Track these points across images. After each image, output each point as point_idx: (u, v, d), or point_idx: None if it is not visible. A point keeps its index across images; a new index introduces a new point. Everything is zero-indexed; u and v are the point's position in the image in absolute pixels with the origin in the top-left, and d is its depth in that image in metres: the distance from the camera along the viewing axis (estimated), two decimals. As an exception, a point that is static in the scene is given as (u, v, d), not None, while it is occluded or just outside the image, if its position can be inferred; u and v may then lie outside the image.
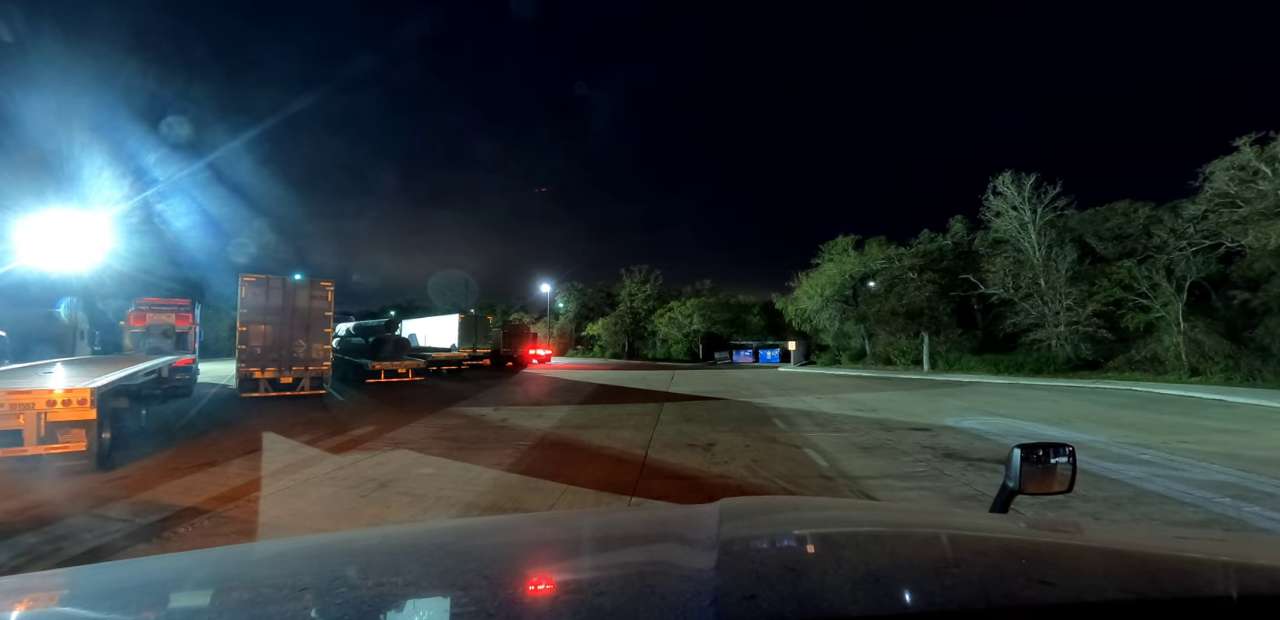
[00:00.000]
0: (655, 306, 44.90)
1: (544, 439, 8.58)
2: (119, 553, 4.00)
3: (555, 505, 5.21)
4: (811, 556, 0.93)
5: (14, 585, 0.86)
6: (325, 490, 5.66)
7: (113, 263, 20.29)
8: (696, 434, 9.09)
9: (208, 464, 6.85)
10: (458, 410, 12.10)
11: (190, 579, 0.94)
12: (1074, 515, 4.87)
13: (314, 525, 4.60)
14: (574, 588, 0.80)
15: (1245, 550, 1.03)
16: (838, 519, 1.32)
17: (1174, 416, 11.50)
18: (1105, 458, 7.28)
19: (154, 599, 0.85)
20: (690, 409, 12.45)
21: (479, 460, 7.06)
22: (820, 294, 31.68)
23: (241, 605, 0.79)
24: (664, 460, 7.12)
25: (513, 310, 59.20)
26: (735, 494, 5.60)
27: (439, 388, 17.56)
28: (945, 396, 15.50)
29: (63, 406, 6.01)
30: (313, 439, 8.58)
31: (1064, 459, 1.44)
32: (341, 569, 0.94)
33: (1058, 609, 0.62)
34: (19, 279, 14.26)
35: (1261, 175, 18.92)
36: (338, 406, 12.97)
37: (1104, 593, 0.70)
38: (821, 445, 8.15)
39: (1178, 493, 5.67)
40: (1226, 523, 4.84)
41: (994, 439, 8.72)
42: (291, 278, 14.89)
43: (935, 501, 5.43)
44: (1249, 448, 8.02)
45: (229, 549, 1.99)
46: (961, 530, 1.13)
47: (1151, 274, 21.19)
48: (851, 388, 18.52)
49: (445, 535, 1.23)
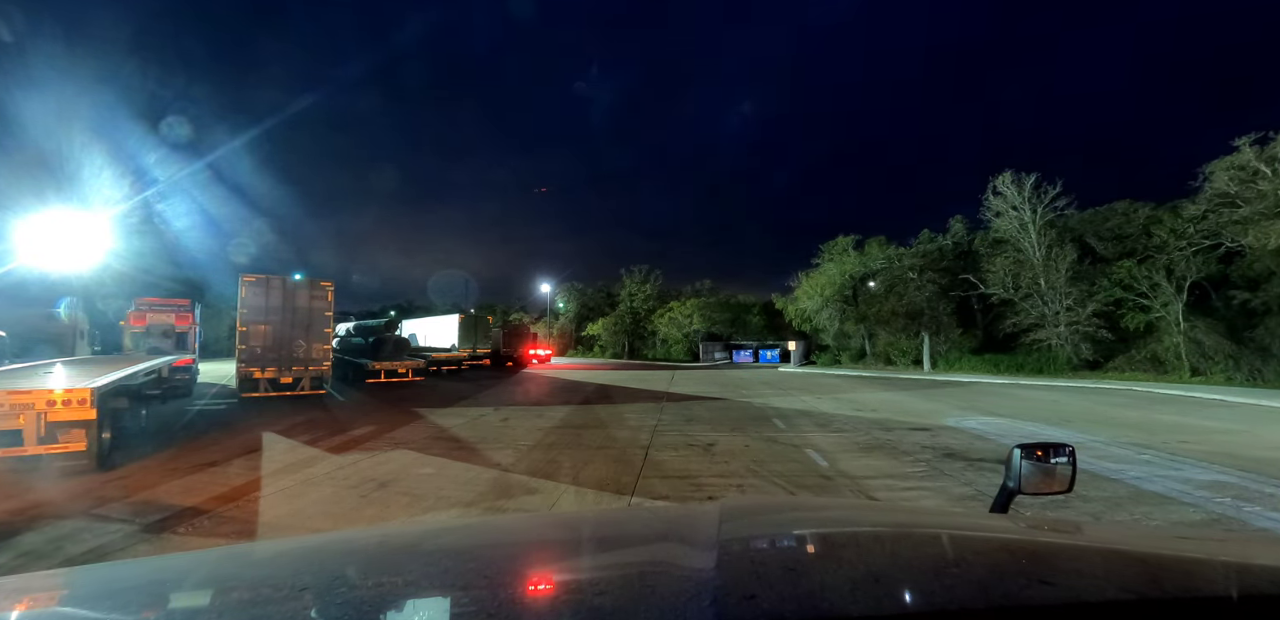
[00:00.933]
0: (655, 306, 44.89)
1: (544, 439, 8.58)
2: (119, 553, 4.00)
3: (555, 505, 5.21)
4: (811, 556, 0.93)
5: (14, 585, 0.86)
6: (325, 490, 5.66)
7: (113, 263, 20.30)
8: (697, 434, 9.08)
9: (208, 464, 6.84)
10: (458, 410, 12.10)
11: (190, 579, 0.94)
12: (1074, 515, 4.87)
13: (314, 525, 4.60)
14: (574, 588, 0.80)
15: (1245, 550, 1.03)
16: (838, 519, 1.32)
17: (1174, 416, 11.50)
18: (1105, 458, 7.28)
19: (154, 599, 0.85)
20: (690, 409, 12.45)
21: (479, 460, 7.06)
22: (820, 294, 31.68)
23: (241, 605, 0.79)
24: (664, 460, 7.12)
25: (513, 310, 59.19)
26: (735, 494, 5.62)
27: (439, 388, 17.56)
28: (945, 396, 15.50)
29: (63, 406, 6.00)
30: (313, 439, 8.57)
31: (1064, 459, 1.44)
32: (341, 569, 0.94)
33: (1058, 609, 0.62)
34: (19, 279, 14.26)
35: (1261, 175, 18.91)
36: (338, 406, 12.97)
37: (1104, 593, 0.69)
38: (822, 445, 8.14)
39: (1178, 493, 5.67)
40: (1226, 523, 4.84)
41: (994, 439, 8.72)
42: (291, 278, 14.88)
43: (935, 501, 5.42)
44: (1249, 448, 8.02)
45: (229, 549, 1.99)
46: (961, 530, 1.13)
47: (1151, 274, 21.19)
48: (851, 388, 18.51)
49: (445, 535, 1.23)
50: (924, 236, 32.02)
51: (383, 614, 0.72)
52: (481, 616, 0.67)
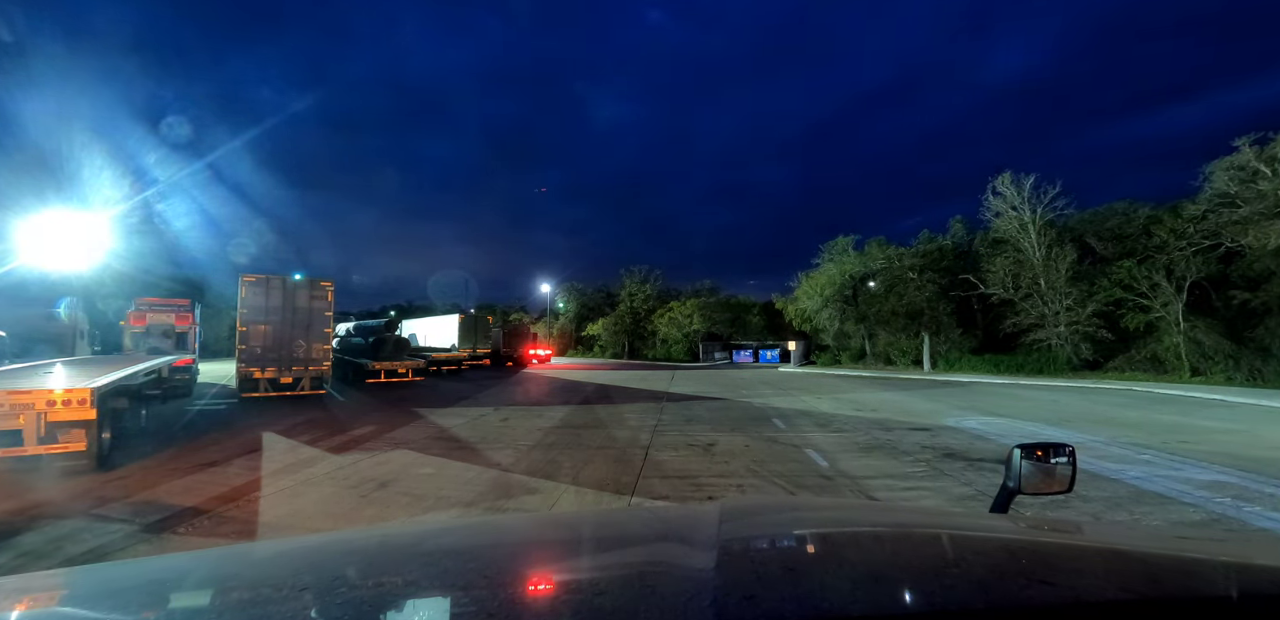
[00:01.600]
0: (655, 306, 44.88)
1: (544, 439, 8.58)
2: (119, 553, 4.00)
3: (555, 505, 5.20)
4: (811, 556, 0.93)
5: (14, 585, 0.86)
6: (325, 490, 5.66)
7: (113, 263, 20.29)
8: (697, 434, 9.08)
9: (208, 464, 6.85)
10: (458, 410, 12.10)
11: (190, 579, 0.94)
12: (1074, 515, 4.87)
13: (314, 525, 4.60)
14: (574, 588, 0.80)
15: (1245, 550, 1.03)
16: (838, 519, 1.32)
17: (1174, 416, 11.50)
18: (1105, 458, 7.28)
19: (154, 599, 0.85)
20: (690, 409, 12.44)
21: (479, 460, 7.05)
22: (820, 294, 31.68)
23: (241, 605, 0.79)
24: (664, 460, 7.11)
25: (513, 310, 59.20)
26: (735, 494, 5.62)
27: (439, 388, 17.56)
28: (945, 396, 15.50)
29: (63, 406, 6.00)
30: (313, 439, 8.57)
31: (1064, 459, 1.44)
32: (341, 569, 0.94)
33: (1058, 609, 0.62)
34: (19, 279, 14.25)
35: (1261, 175, 18.92)
36: (338, 406, 12.97)
37: (1104, 593, 0.69)
38: (822, 445, 8.14)
39: (1178, 493, 5.67)
40: (1226, 523, 4.84)
41: (994, 439, 8.72)
42: (291, 277, 14.87)
43: (935, 501, 5.42)
44: (1249, 448, 8.02)
45: (229, 549, 1.99)
46: (961, 530, 1.13)
47: (1151, 274, 21.18)
48: (851, 388, 18.51)
49: (445, 535, 1.23)
50: (924, 236, 32.01)
51: (383, 614, 0.72)
52: (481, 616, 0.67)
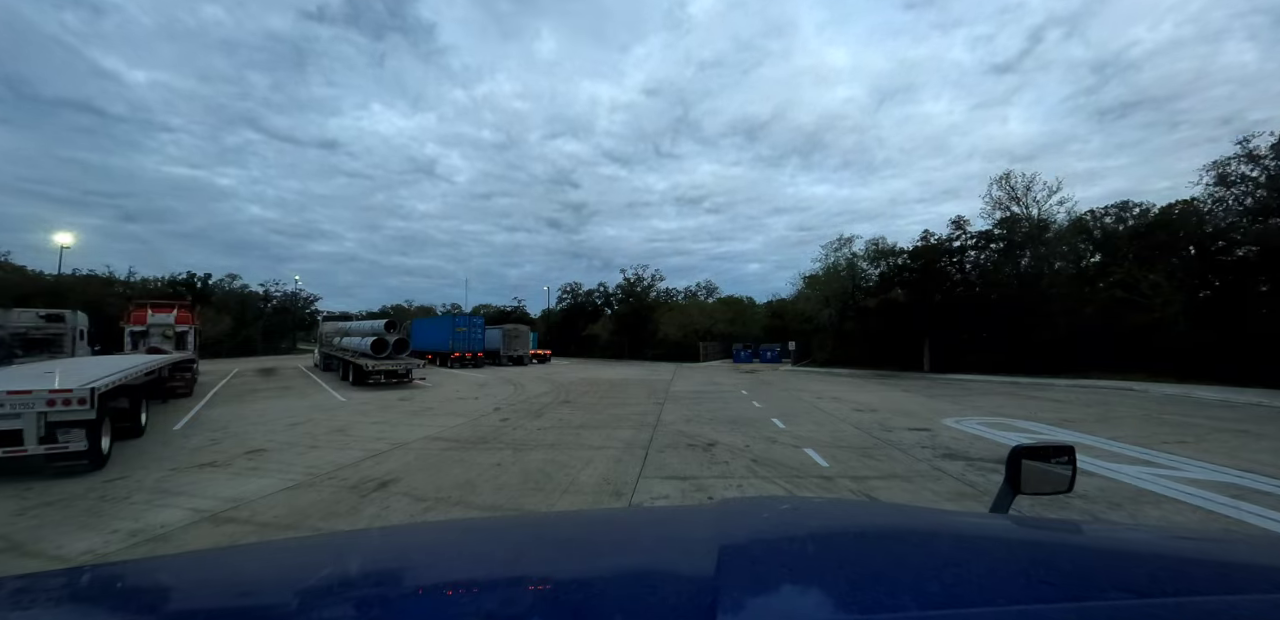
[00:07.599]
0: (656, 306, 44.94)
1: (544, 439, 8.58)
2: (119, 553, 4.01)
3: (555, 505, 5.20)
4: (811, 556, 0.93)
5: (14, 585, 0.86)
6: (325, 491, 5.67)
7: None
8: (696, 433, 9.08)
9: (208, 464, 6.85)
10: (457, 410, 12.10)
11: (190, 579, 0.94)
12: (1074, 515, 4.87)
13: (314, 525, 4.61)
14: (574, 588, 0.80)
15: (1245, 550, 1.03)
16: (838, 519, 1.32)
17: (1175, 416, 11.50)
18: (1105, 458, 7.28)
19: (154, 599, 0.85)
20: (690, 408, 12.44)
21: (479, 460, 7.05)
22: (821, 294, 31.71)
23: (242, 605, 0.79)
24: (664, 460, 7.11)
25: (512, 310, 59.24)
26: (735, 494, 5.61)
27: (438, 387, 17.57)
28: (945, 396, 15.50)
29: (63, 406, 6.00)
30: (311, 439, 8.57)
31: (1064, 459, 1.44)
32: (341, 569, 0.94)
33: (1058, 609, 0.62)
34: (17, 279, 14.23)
35: (1261, 175, 18.94)
36: (338, 406, 12.97)
37: (1104, 593, 0.69)
38: (821, 445, 8.14)
39: (1178, 493, 5.67)
40: (1226, 523, 4.84)
41: (994, 439, 8.72)
42: None
43: (935, 501, 5.42)
44: (1249, 448, 8.03)
45: (229, 549, 1.99)
46: (961, 530, 1.12)
47: (1152, 274, 21.21)
48: (852, 388, 18.51)
49: (446, 535, 1.23)
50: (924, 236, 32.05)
51: (383, 614, 0.72)
52: (481, 616, 0.67)
